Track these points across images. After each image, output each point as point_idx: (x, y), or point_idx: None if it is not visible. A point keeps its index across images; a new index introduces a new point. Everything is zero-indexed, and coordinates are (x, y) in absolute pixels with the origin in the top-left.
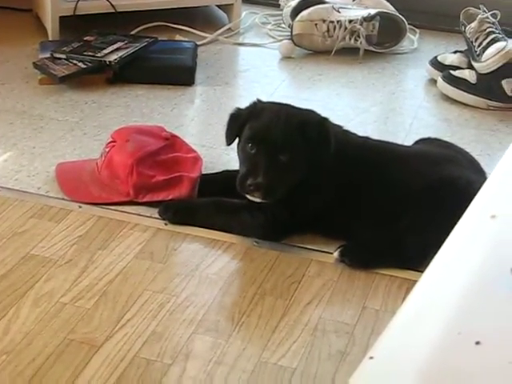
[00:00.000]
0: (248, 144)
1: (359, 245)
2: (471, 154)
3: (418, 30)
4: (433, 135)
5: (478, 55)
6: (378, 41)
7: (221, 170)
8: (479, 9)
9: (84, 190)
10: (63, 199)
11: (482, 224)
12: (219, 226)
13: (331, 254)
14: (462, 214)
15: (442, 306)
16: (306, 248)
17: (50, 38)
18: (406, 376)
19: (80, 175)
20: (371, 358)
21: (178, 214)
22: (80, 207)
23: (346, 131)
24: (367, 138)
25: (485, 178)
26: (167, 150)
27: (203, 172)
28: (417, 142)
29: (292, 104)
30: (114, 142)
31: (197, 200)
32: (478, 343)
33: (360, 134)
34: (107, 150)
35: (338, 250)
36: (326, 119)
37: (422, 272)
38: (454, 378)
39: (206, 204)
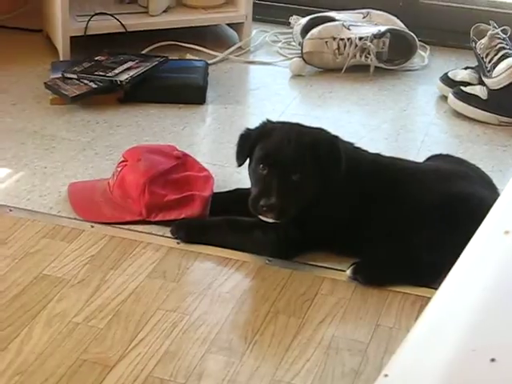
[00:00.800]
0: (259, 165)
1: (372, 262)
2: (483, 170)
3: (428, 47)
4: (444, 152)
5: (488, 71)
6: (389, 58)
7: (233, 189)
8: (489, 25)
9: (97, 210)
10: (75, 219)
11: (495, 240)
12: (232, 245)
13: (344, 271)
14: (475, 230)
15: (456, 322)
16: (319, 266)
17: (61, 58)
18: None
19: (92, 195)
20: (386, 375)
21: (191, 233)
22: (92, 227)
23: (357, 148)
24: (378, 155)
25: (497, 194)
26: (179, 168)
27: (215, 190)
28: (428, 159)
29: (301, 123)
30: (126, 161)
31: (209, 219)
32: (493, 360)
33: (371, 151)
34: (119, 169)
35: (351, 267)
36: (336, 138)
37: (436, 289)
38: None
39: (218, 223)
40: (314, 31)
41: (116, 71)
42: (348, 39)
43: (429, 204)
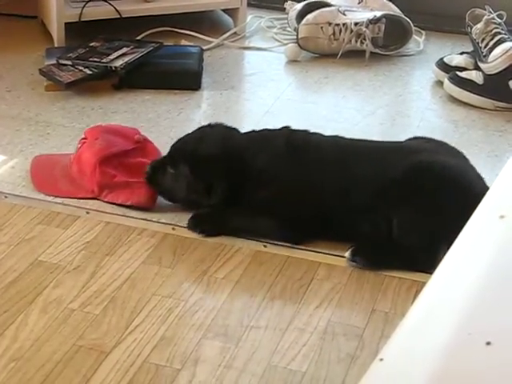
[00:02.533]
0: None
1: (371, 245)
2: (479, 155)
3: (423, 32)
4: (440, 137)
5: (484, 56)
6: (384, 43)
7: None
8: (485, 10)
9: (53, 183)
10: (70, 205)
11: (490, 224)
12: (252, 231)
13: (340, 257)
14: (443, 196)
15: (451, 306)
16: (315, 251)
17: (56, 45)
18: (417, 377)
19: (52, 169)
20: (381, 359)
21: (211, 226)
22: (87, 213)
23: (311, 134)
24: (337, 136)
25: (469, 166)
26: (136, 153)
27: None
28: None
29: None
30: (86, 138)
31: (222, 209)
32: (488, 343)
33: (368, 137)
34: (79, 146)
35: (350, 250)
36: (223, 170)
37: (431, 273)
38: (465, 378)
39: (235, 211)
40: (310, 17)
41: (111, 57)
42: (343, 24)
43: (393, 177)
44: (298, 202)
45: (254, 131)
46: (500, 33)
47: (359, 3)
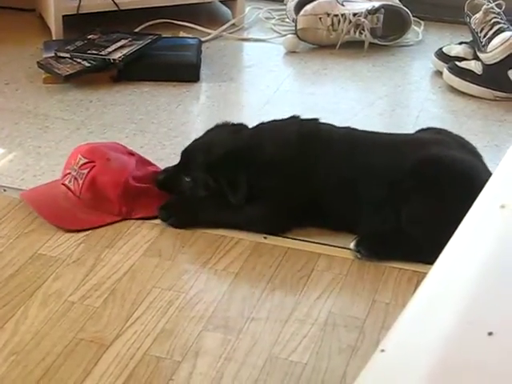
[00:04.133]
0: None
1: (375, 236)
2: (478, 145)
3: (422, 22)
4: (439, 127)
5: (483, 46)
6: (383, 34)
7: None
8: None
9: (71, 216)
10: None
11: (491, 214)
12: (226, 223)
13: (340, 248)
14: (452, 189)
15: (453, 296)
16: (315, 242)
17: (54, 38)
18: (418, 368)
19: (56, 202)
20: (382, 350)
21: (181, 217)
22: None
23: (322, 124)
24: (348, 128)
25: (481, 161)
26: (138, 165)
27: None
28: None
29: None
30: (91, 162)
31: (194, 200)
32: (490, 334)
33: (367, 127)
34: (84, 171)
35: (354, 240)
36: (238, 166)
37: (432, 264)
38: (467, 369)
39: (206, 202)
40: (308, 7)
41: (109, 49)
42: (342, 15)
43: (403, 170)
44: (304, 190)
45: (262, 123)
46: (499, 22)
47: None
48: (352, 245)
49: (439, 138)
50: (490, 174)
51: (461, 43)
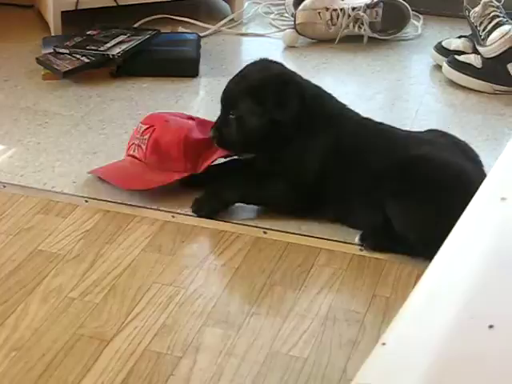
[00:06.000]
0: None
1: (380, 230)
2: (478, 138)
3: (421, 16)
4: (439, 121)
5: (482, 39)
6: (382, 28)
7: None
8: None
9: (140, 179)
10: (69, 194)
11: (492, 207)
12: (251, 200)
13: (340, 242)
14: (439, 191)
15: (453, 290)
16: (315, 237)
17: (53, 34)
18: (419, 361)
19: (124, 170)
20: (383, 344)
21: (211, 206)
22: (86, 201)
23: (342, 105)
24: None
25: (479, 169)
26: (200, 127)
27: None
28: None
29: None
30: (151, 126)
31: (218, 186)
32: (491, 327)
33: None
34: (146, 136)
35: (359, 234)
36: (288, 83)
37: (432, 258)
38: (468, 362)
39: (230, 184)
40: (307, 2)
41: (108, 45)
42: (341, 9)
43: (389, 164)
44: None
45: None
46: (498, 16)
47: None
48: (356, 239)
49: (434, 139)
50: (481, 181)
51: (460, 37)
